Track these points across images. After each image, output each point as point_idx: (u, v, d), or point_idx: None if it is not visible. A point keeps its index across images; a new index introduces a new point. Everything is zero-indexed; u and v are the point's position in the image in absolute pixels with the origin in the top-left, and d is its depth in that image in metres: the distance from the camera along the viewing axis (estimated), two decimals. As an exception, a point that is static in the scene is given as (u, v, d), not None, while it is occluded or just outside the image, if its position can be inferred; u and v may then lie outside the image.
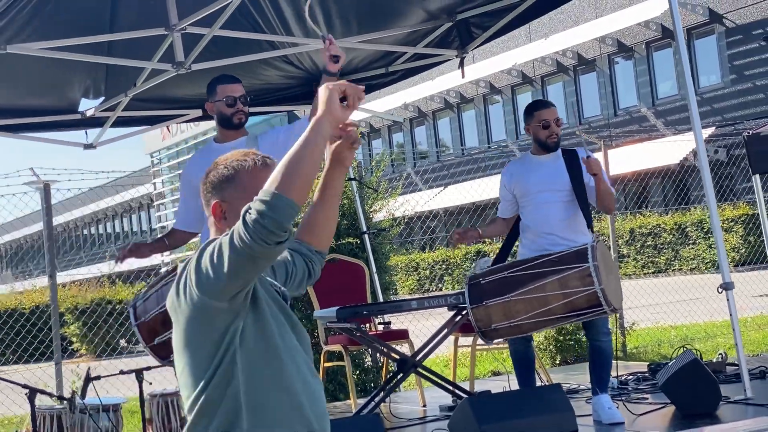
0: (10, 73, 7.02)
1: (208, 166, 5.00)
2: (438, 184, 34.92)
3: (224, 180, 2.66)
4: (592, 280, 5.24)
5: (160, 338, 4.79)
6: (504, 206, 5.98)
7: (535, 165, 5.80)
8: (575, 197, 5.67)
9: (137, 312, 4.86)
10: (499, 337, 5.61)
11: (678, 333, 11.44)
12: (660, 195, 28.93)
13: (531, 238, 5.76)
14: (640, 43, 29.69)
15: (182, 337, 2.51)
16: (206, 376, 2.47)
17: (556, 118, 5.75)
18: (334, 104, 2.53)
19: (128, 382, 7.05)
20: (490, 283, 5.46)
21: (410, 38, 7.71)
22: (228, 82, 5.28)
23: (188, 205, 5.23)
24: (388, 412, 6.32)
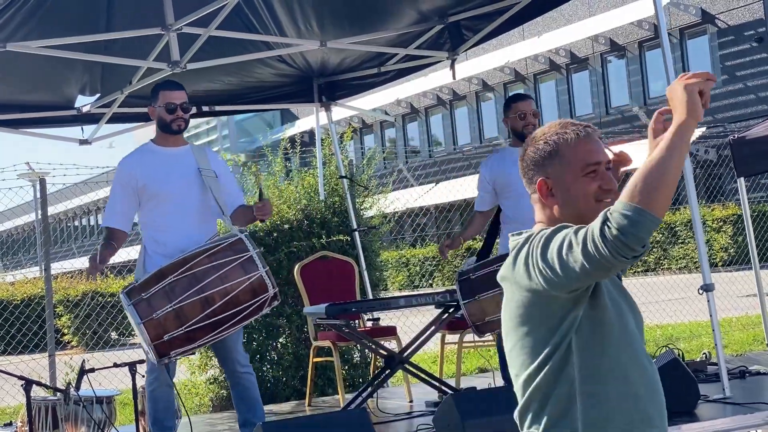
0: (8, 69, 7.12)
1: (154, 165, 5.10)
2: (429, 181, 35.03)
3: (546, 156, 2.51)
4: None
5: (170, 336, 4.75)
6: (483, 198, 6.09)
7: (516, 157, 5.92)
8: None
9: (140, 310, 4.77)
10: (492, 330, 5.74)
11: (663, 332, 11.58)
12: (650, 194, 29.07)
13: (515, 229, 5.85)
14: (632, 43, 29.84)
15: (515, 315, 2.41)
16: (538, 361, 2.37)
17: (533, 110, 5.92)
18: (698, 105, 2.31)
19: (120, 374, 7.16)
20: (481, 278, 5.60)
21: (402, 39, 7.83)
22: (170, 88, 5.28)
23: (125, 204, 5.19)
24: (375, 407, 6.45)
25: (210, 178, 5.13)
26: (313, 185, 8.85)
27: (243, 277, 4.80)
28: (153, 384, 5.16)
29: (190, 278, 4.78)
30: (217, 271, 4.79)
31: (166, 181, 5.12)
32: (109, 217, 5.22)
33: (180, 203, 5.11)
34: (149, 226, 5.18)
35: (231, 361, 5.16)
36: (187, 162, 5.18)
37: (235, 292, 4.79)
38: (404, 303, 6.18)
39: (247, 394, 5.20)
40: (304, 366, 8.19)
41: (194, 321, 4.77)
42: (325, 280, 7.38)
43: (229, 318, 4.81)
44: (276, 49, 7.54)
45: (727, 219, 23.42)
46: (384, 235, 9.99)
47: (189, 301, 4.76)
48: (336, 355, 6.90)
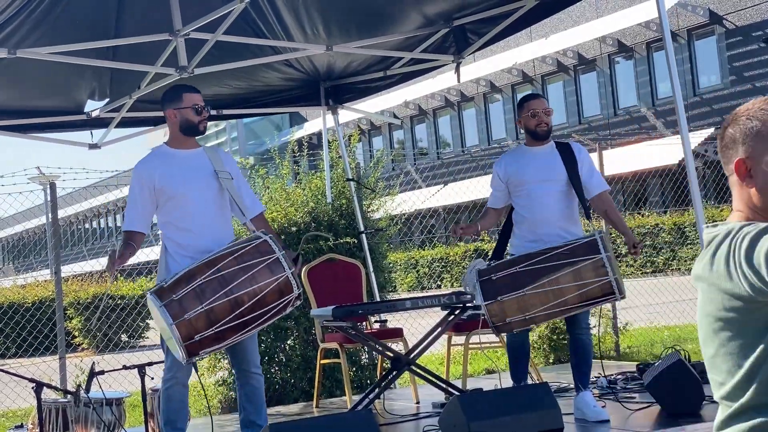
0: (18, 75, 7.20)
1: (171, 167, 5.18)
2: (438, 182, 35.06)
3: (748, 133, 2.23)
4: (606, 271, 5.51)
5: (200, 335, 4.83)
6: (496, 197, 6.10)
7: (530, 156, 5.95)
8: (572, 187, 5.84)
9: (171, 311, 4.82)
10: (511, 330, 5.76)
11: (671, 333, 11.61)
12: (659, 195, 29.08)
13: (528, 229, 5.89)
14: (640, 44, 29.84)
15: (715, 318, 2.19)
16: (747, 367, 2.13)
17: (545, 108, 5.94)
18: None
19: (129, 376, 7.23)
20: (503, 279, 5.63)
21: (407, 43, 7.89)
22: (192, 91, 5.35)
23: (144, 207, 5.25)
24: (382, 408, 6.50)
25: (226, 180, 5.23)
26: (321, 188, 8.91)
27: (271, 278, 4.90)
28: (169, 382, 5.24)
29: (220, 280, 4.87)
30: (246, 273, 4.88)
31: (184, 183, 5.20)
32: (130, 222, 5.29)
33: (199, 205, 5.20)
34: (169, 228, 5.26)
35: (246, 361, 5.25)
36: (202, 164, 5.27)
37: (263, 293, 4.90)
38: (410, 305, 6.23)
39: (255, 396, 5.27)
40: (312, 368, 8.25)
41: (224, 322, 4.87)
42: (332, 283, 7.44)
43: (257, 318, 4.92)
44: (283, 54, 7.59)
45: (734, 220, 23.40)
46: (392, 236, 10.02)
47: (219, 303, 4.85)
48: (343, 357, 6.95)
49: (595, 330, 10.09)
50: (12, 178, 8.29)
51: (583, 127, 31.09)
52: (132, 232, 5.28)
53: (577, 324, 5.84)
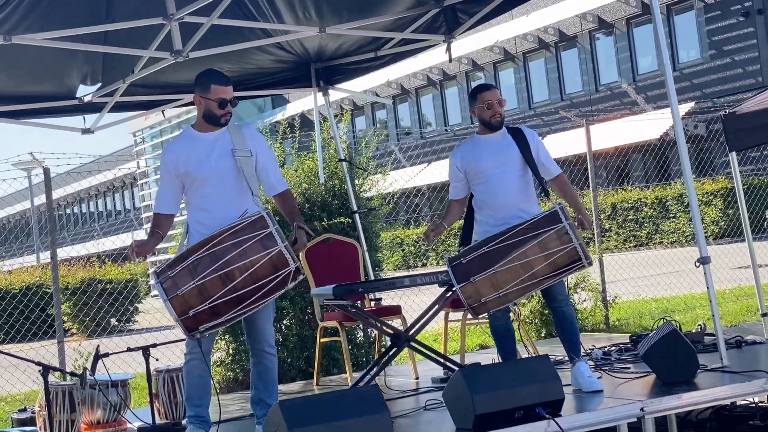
0: (9, 60, 7.20)
1: (193, 150, 5.26)
2: (422, 161, 35.13)
3: None
4: (570, 237, 5.69)
5: (195, 311, 4.94)
6: (456, 188, 6.23)
7: (484, 144, 6.11)
8: (528, 169, 6.00)
9: (165, 288, 4.98)
10: (488, 310, 5.89)
11: (659, 305, 11.77)
12: (641, 170, 29.28)
13: (489, 214, 6.04)
14: (620, 20, 29.94)
15: None
16: None
17: (499, 99, 6.06)
18: None
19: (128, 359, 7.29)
20: (472, 261, 5.77)
21: (398, 24, 7.94)
22: (222, 83, 5.39)
23: (171, 189, 5.40)
24: (383, 384, 6.60)
25: (243, 158, 5.30)
26: (313, 169, 8.97)
27: (262, 252, 4.98)
28: (188, 356, 5.34)
29: (212, 256, 4.97)
30: (237, 248, 4.97)
31: (204, 165, 5.30)
32: (157, 204, 5.46)
33: (217, 185, 5.30)
34: (192, 208, 5.40)
35: (260, 340, 5.34)
36: (223, 144, 5.36)
37: (254, 267, 4.97)
38: (409, 282, 6.32)
39: (268, 375, 5.36)
40: (308, 347, 8.34)
41: (216, 296, 4.95)
42: (329, 262, 7.52)
43: (253, 292, 4.99)
44: (276, 37, 7.64)
45: (717, 193, 23.63)
46: (383, 216, 10.11)
47: (210, 278, 4.94)
48: (343, 335, 7.04)
49: (585, 304, 10.28)
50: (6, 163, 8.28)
51: (565, 103, 31.21)
52: (158, 214, 5.44)
53: (553, 297, 5.99)
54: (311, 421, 4.53)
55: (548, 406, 5.00)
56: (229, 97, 5.37)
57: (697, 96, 27.10)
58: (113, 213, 55.29)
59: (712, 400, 5.49)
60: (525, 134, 6.10)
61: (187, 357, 5.37)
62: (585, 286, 10.16)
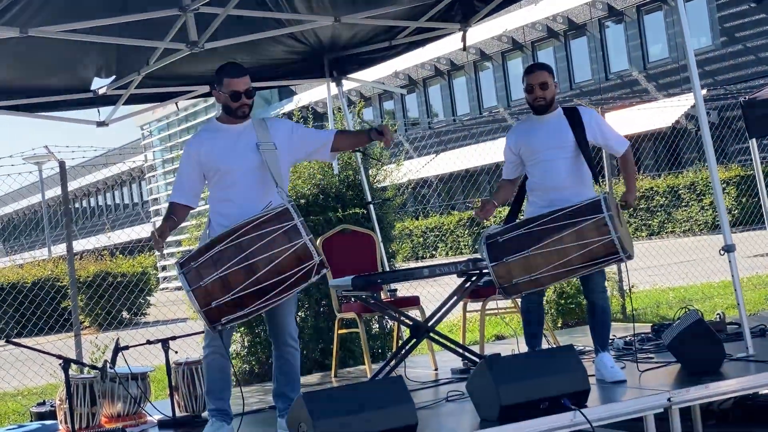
0: (23, 54, 7.16)
1: (213, 143, 5.24)
2: (430, 152, 35.07)
3: None
4: (608, 229, 5.55)
5: (217, 302, 4.89)
6: (509, 168, 6.18)
7: (538, 125, 6.02)
8: (580, 153, 5.90)
9: (189, 278, 4.92)
10: (519, 292, 5.83)
11: (676, 294, 11.71)
12: (652, 158, 29.17)
13: (539, 195, 5.97)
14: (630, 7, 29.80)
15: None
16: None
17: (540, 82, 5.95)
18: None
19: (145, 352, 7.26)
20: (509, 241, 5.69)
21: (413, 12, 7.87)
22: (235, 75, 5.33)
23: (190, 180, 5.37)
24: (402, 375, 6.55)
25: (268, 152, 5.25)
26: (327, 160, 8.91)
27: (287, 244, 4.93)
28: (206, 350, 5.31)
29: (236, 247, 4.92)
30: (261, 240, 4.92)
31: (227, 158, 5.27)
32: (173, 194, 5.42)
33: (240, 178, 5.26)
34: (214, 200, 5.36)
35: (282, 333, 5.30)
36: (248, 138, 5.32)
37: (279, 259, 4.92)
38: (428, 273, 6.26)
39: (290, 368, 5.32)
40: (324, 339, 8.30)
41: (240, 288, 4.90)
42: (346, 253, 7.48)
43: (276, 285, 4.94)
44: (290, 27, 7.57)
45: (730, 180, 23.50)
46: (398, 207, 10.05)
47: (234, 269, 4.89)
48: (361, 327, 7.00)
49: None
50: (10, 159, 8.24)
51: (575, 92, 31.10)
52: (173, 203, 5.38)
53: (592, 289, 5.92)
54: (336, 413, 4.49)
55: (574, 396, 4.95)
56: (243, 89, 5.30)
57: (709, 83, 26.96)
58: (122, 206, 55.35)
59: (738, 390, 5.42)
60: (581, 114, 5.98)
61: (206, 351, 5.33)
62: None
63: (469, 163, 27.98)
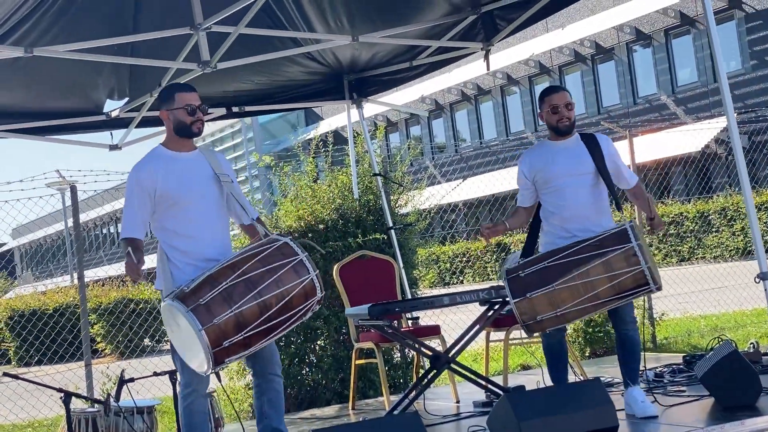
0: (36, 76, 7.02)
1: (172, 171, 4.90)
2: (457, 177, 34.83)
3: None
4: (638, 259, 5.26)
5: (229, 341, 4.59)
6: (524, 195, 5.92)
7: (555, 151, 5.76)
8: (601, 180, 5.64)
9: (200, 316, 4.55)
10: (543, 329, 5.54)
11: (708, 323, 11.34)
12: (682, 183, 28.76)
13: (558, 225, 5.70)
14: (658, 31, 29.51)
15: None
16: None
17: (566, 102, 5.70)
18: None
19: (157, 382, 7.03)
20: (531, 275, 5.41)
21: (434, 32, 7.66)
22: (186, 90, 5.03)
23: (145, 213, 4.96)
24: (422, 408, 6.28)
25: (227, 183, 4.99)
26: (347, 184, 8.69)
27: (297, 280, 4.69)
28: (190, 396, 4.94)
29: (246, 282, 4.64)
30: (272, 275, 4.66)
31: (186, 188, 4.93)
32: (131, 228, 4.97)
33: (200, 211, 4.94)
34: (168, 234, 4.96)
35: (272, 363, 4.98)
36: (202, 167, 5.01)
37: (290, 296, 4.68)
38: (449, 301, 6.00)
39: (278, 401, 4.99)
40: (343, 368, 8.04)
41: (253, 326, 4.64)
42: (364, 280, 7.23)
43: (283, 322, 4.70)
44: (306, 46, 7.38)
45: (761, 206, 23.05)
46: (421, 231, 9.79)
47: (249, 306, 4.62)
48: (379, 357, 6.74)
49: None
50: (31, 182, 8.07)
51: (603, 116, 30.79)
52: (134, 239, 4.94)
53: (621, 319, 5.63)
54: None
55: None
56: (197, 103, 4.98)
57: (738, 107, 26.56)
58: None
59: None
60: (599, 141, 5.72)
61: (188, 397, 4.92)
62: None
63: (496, 188, 27.67)
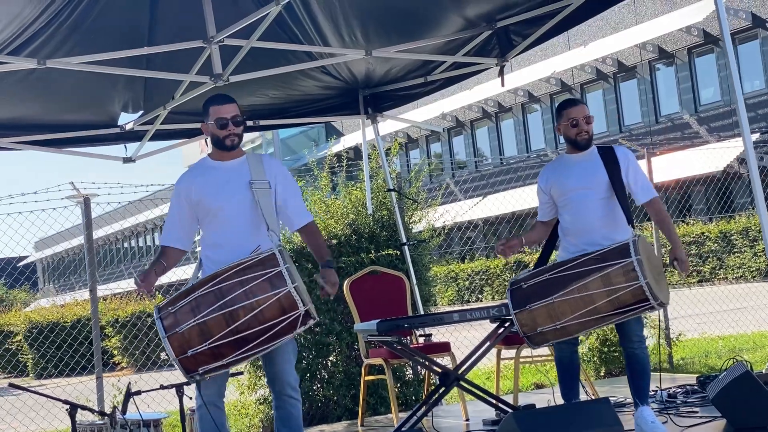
0: (51, 88, 7.04)
1: (208, 181, 4.94)
2: (477, 194, 34.74)
3: None
4: (636, 274, 5.20)
5: (194, 351, 4.60)
6: (543, 209, 5.90)
7: (570, 164, 5.73)
8: (614, 194, 5.58)
9: (165, 324, 4.63)
10: (546, 342, 5.49)
11: (725, 344, 11.22)
12: (703, 203, 28.57)
13: (570, 240, 5.66)
14: (681, 49, 29.38)
15: None
16: None
17: (585, 115, 5.66)
18: None
19: (168, 395, 7.01)
20: (533, 287, 5.38)
21: (449, 47, 7.63)
22: (220, 102, 5.04)
23: (181, 221, 5.05)
24: (430, 426, 6.22)
25: (261, 190, 4.94)
26: (361, 199, 8.65)
27: (269, 292, 4.61)
28: (199, 401, 4.97)
29: (216, 293, 4.63)
30: (243, 287, 4.62)
31: (218, 197, 4.96)
32: (164, 236, 5.10)
33: (231, 219, 4.95)
34: (204, 242, 5.06)
35: (279, 382, 4.95)
36: (240, 175, 5.01)
37: (260, 308, 4.60)
38: (458, 318, 5.94)
39: (290, 421, 4.94)
40: (355, 384, 7.99)
41: (218, 337, 4.61)
42: (375, 296, 7.19)
43: (258, 335, 4.62)
44: (320, 60, 7.36)
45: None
46: (435, 248, 9.74)
47: (213, 316, 4.60)
48: (388, 373, 6.69)
49: (647, 341, 9.74)
50: (46, 194, 8.09)
51: (624, 135, 30.66)
52: (165, 247, 5.06)
53: (627, 337, 5.58)
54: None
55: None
56: (230, 116, 4.98)
57: (762, 127, 26.39)
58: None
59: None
60: (616, 154, 5.66)
61: (198, 401, 4.96)
62: (647, 322, 9.66)
63: (516, 205, 27.60)
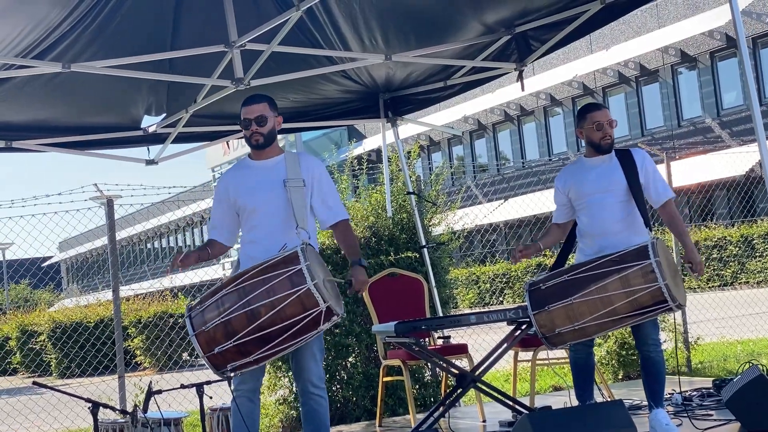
0: (76, 91, 7.15)
1: (244, 180, 5.07)
2: (498, 197, 34.75)
3: None
4: (655, 276, 5.25)
5: (220, 348, 4.74)
6: (559, 211, 5.95)
7: (588, 167, 5.78)
8: (632, 197, 5.62)
9: (194, 322, 4.81)
10: (564, 343, 5.55)
11: (744, 348, 11.21)
12: (725, 207, 28.45)
13: (588, 243, 5.71)
14: (704, 53, 29.28)
15: None
16: None
17: (609, 119, 5.72)
18: None
19: (189, 395, 7.10)
20: (551, 288, 5.43)
21: (468, 51, 7.69)
22: (247, 103, 5.17)
23: (224, 218, 5.24)
24: (447, 427, 6.29)
25: (294, 189, 5.04)
26: (381, 202, 8.73)
27: (290, 290, 4.71)
28: (234, 394, 5.10)
29: (239, 292, 4.76)
30: (264, 285, 4.73)
31: (253, 195, 5.11)
32: (210, 230, 5.33)
33: (265, 217, 5.09)
34: (242, 239, 5.22)
35: (303, 379, 5.05)
36: (276, 174, 5.13)
37: (282, 305, 4.70)
38: (475, 320, 6.01)
39: (314, 416, 5.05)
40: (374, 385, 8.06)
41: (243, 334, 4.73)
42: (394, 298, 7.26)
43: (280, 332, 4.72)
44: (341, 64, 7.44)
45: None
46: (453, 251, 9.79)
47: (236, 314, 4.72)
48: (406, 374, 6.75)
49: (664, 345, 9.76)
50: (69, 195, 8.21)
51: (646, 139, 30.58)
52: (211, 239, 5.28)
53: (642, 340, 5.62)
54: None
55: (622, 455, 4.64)
56: (253, 116, 5.10)
57: (784, 131, 26.23)
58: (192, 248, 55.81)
59: (803, 453, 5.05)
60: (634, 157, 5.71)
61: (234, 394, 5.12)
62: (665, 326, 9.69)
63: (538, 209, 27.59)
